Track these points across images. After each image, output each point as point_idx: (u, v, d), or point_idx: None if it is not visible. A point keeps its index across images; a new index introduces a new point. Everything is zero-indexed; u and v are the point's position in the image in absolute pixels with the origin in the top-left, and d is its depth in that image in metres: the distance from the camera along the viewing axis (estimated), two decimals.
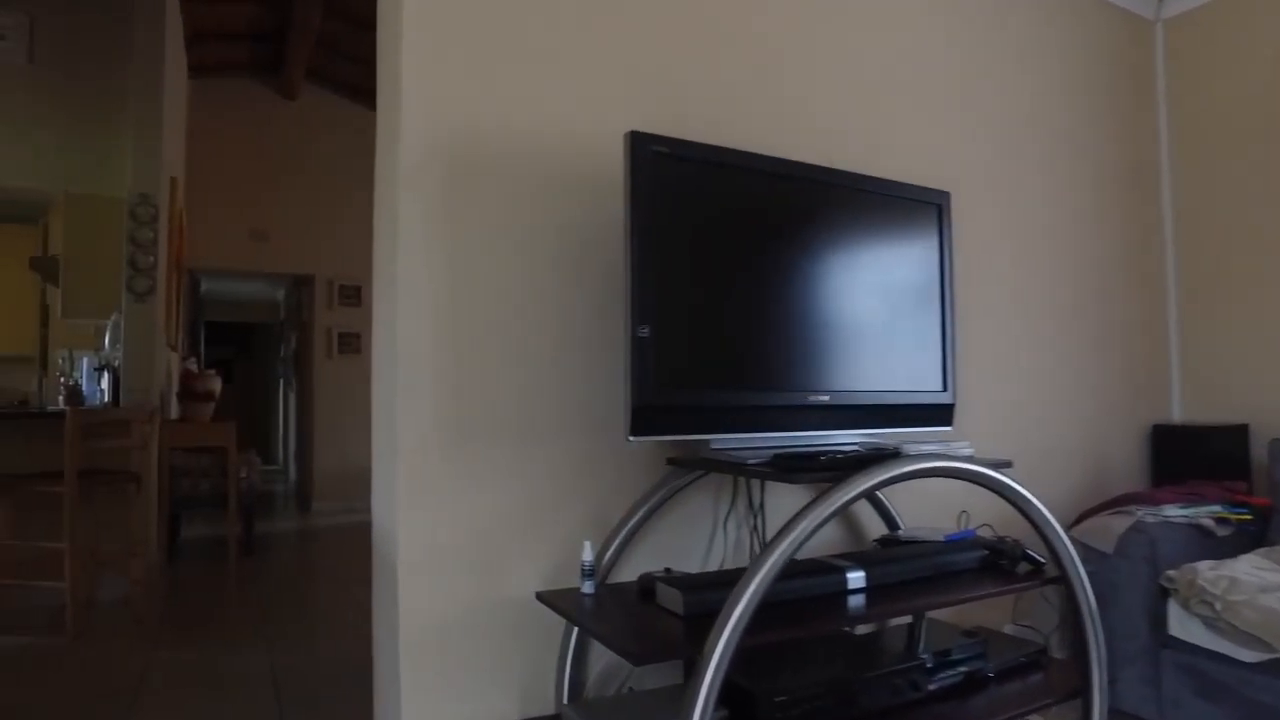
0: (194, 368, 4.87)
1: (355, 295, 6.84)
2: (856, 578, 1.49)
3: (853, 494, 1.26)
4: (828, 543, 1.97)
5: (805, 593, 1.42)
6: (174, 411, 5.01)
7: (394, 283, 1.51)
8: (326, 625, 3.37)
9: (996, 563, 1.70)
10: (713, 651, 1.12)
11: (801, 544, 1.19)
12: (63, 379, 5.14)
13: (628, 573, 1.66)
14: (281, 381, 10.25)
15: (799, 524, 1.20)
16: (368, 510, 6.06)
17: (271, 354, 11.52)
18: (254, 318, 11.10)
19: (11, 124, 4.27)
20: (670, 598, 1.34)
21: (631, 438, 1.38)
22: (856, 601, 1.43)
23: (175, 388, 5.07)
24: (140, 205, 4.13)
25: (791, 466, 1.34)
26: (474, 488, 1.53)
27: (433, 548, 1.49)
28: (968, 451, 1.50)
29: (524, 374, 1.59)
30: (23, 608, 3.49)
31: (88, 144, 4.38)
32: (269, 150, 6.70)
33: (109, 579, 3.70)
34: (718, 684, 1.11)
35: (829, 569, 1.49)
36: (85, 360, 4.43)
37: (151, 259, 4.14)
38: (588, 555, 1.50)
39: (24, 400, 5.36)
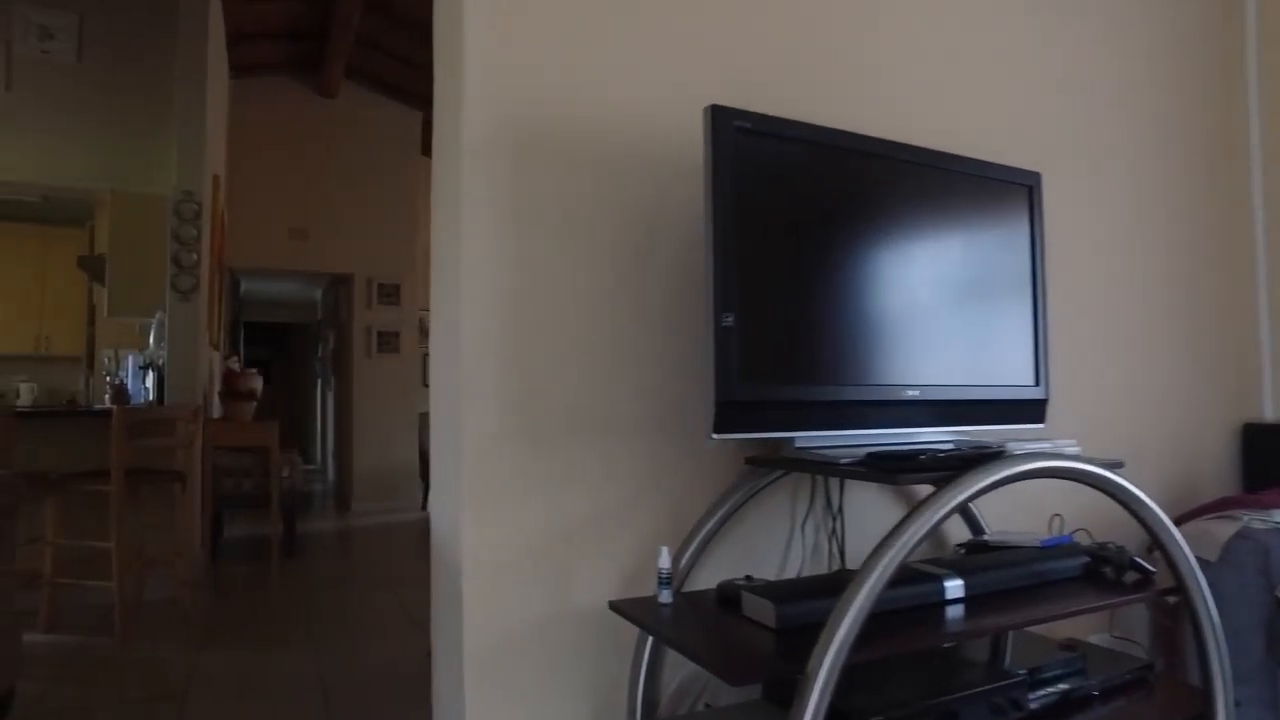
0: (235, 366, 4.86)
1: (394, 294, 6.82)
2: (954, 586, 1.37)
3: (965, 495, 1.15)
4: None
5: (901, 603, 1.31)
6: (216, 411, 5.00)
7: (456, 272, 1.43)
8: (373, 629, 3.31)
9: (1098, 571, 1.57)
10: (818, 669, 1.01)
11: (912, 549, 1.08)
12: (109, 378, 5.18)
13: (704, 580, 1.56)
14: (320, 381, 10.30)
15: (910, 527, 1.09)
16: (407, 510, 6.06)
17: (309, 354, 11.60)
18: (292, 318, 11.19)
19: (62, 123, 4.29)
20: (759, 609, 1.23)
21: (715, 435, 1.28)
22: (955, 613, 1.31)
23: (218, 387, 5.07)
24: (184, 202, 4.12)
25: (891, 467, 1.23)
26: (543, 490, 1.44)
27: (498, 553, 1.40)
28: (1074, 450, 1.38)
29: (594, 367, 1.49)
30: (72, 606, 3.48)
31: (134, 143, 4.38)
32: (309, 149, 6.71)
33: (155, 579, 3.68)
34: (825, 706, 1.00)
35: (924, 577, 1.37)
36: (130, 359, 4.44)
37: (195, 256, 4.12)
38: (664, 562, 1.40)
39: (72, 399, 5.40)
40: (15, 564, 2.13)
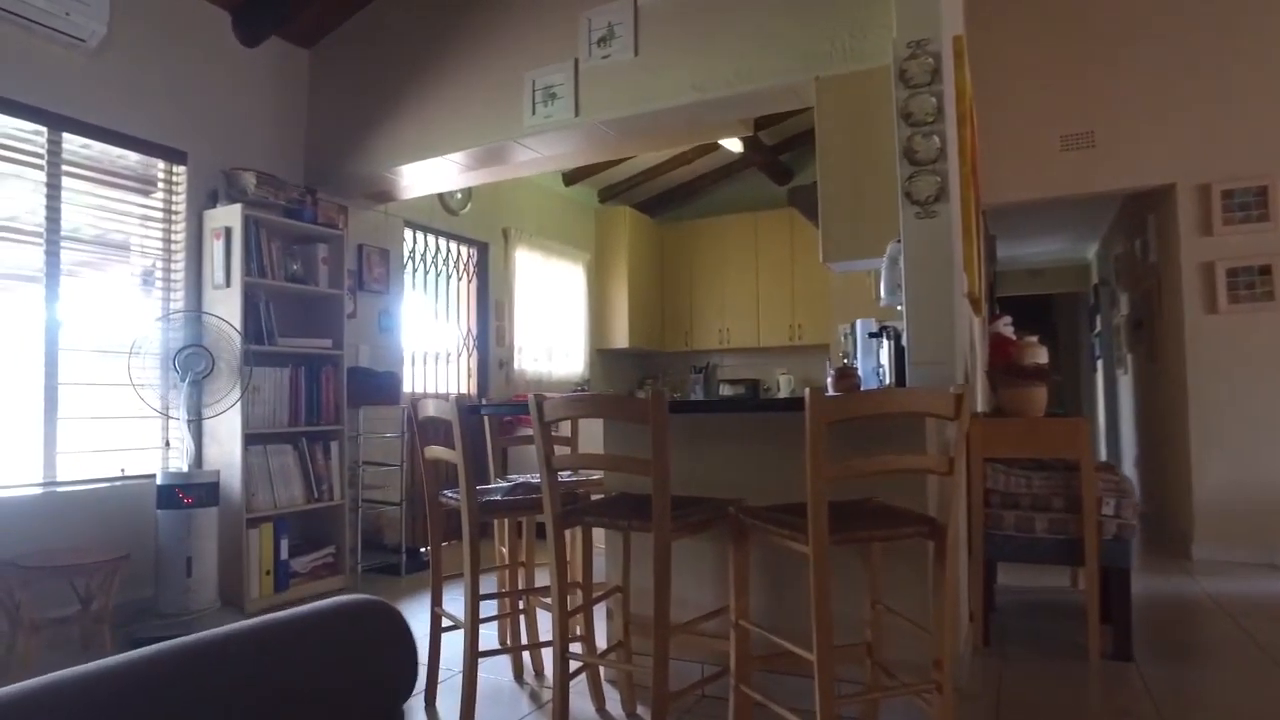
0: (1008, 331, 3.06)
1: (1258, 203, 4.06)
2: None
3: None
4: None
5: None
6: (980, 402, 3.29)
7: None
8: None
9: None
10: None
11: None
12: (845, 357, 4.00)
13: None
14: (1100, 363, 7.86)
15: None
16: None
17: (1077, 331, 9.24)
18: (1052, 287, 8.97)
19: (743, 9, 3.16)
20: None
21: None
22: None
23: (982, 364, 3.35)
24: (912, 59, 2.50)
25: None
26: None
27: None
28: None
29: None
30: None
31: (837, 11, 2.98)
32: (1078, 21, 4.52)
33: (898, 703, 2.09)
34: None
35: None
36: (858, 326, 3.05)
37: (936, 143, 2.46)
38: None
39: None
40: None
